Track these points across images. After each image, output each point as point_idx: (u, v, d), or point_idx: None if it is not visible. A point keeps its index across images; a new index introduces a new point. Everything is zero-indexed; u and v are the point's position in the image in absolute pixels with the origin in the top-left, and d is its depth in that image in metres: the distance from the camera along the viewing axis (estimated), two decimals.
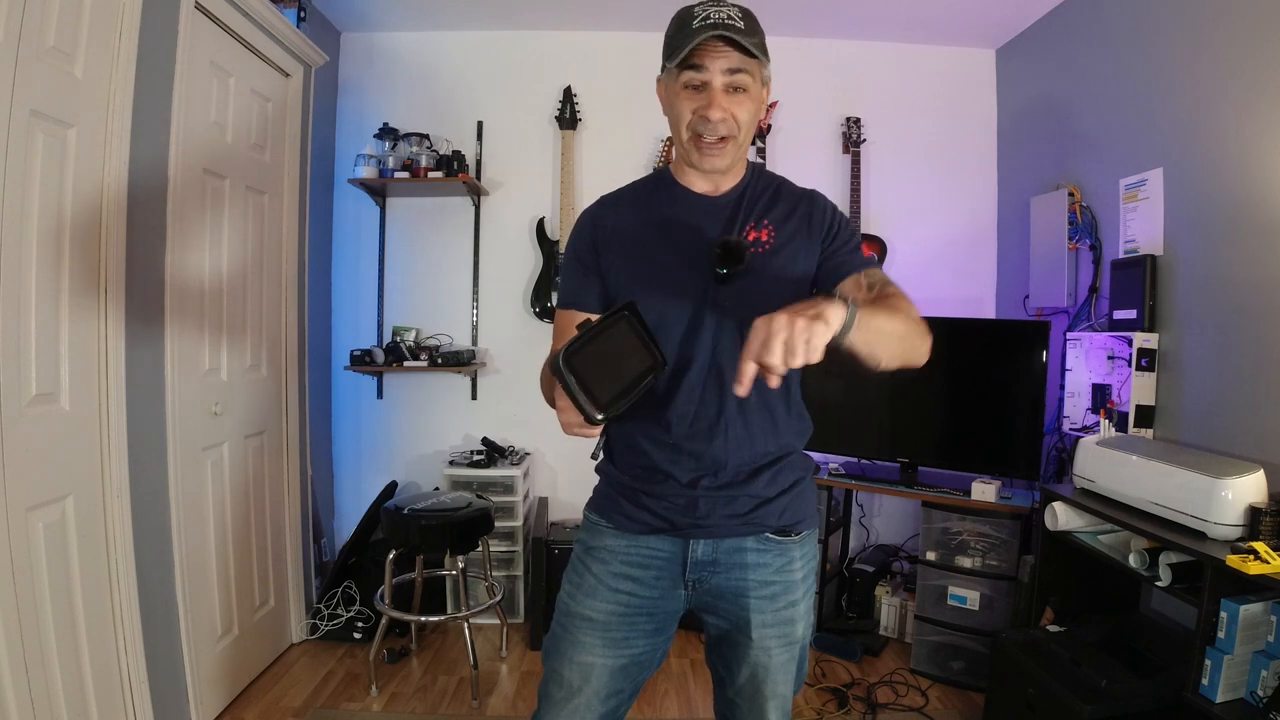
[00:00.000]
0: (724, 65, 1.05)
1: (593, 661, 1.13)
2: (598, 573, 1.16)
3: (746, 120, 1.09)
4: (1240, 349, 1.94)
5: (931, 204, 3.22)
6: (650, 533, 1.14)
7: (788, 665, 1.16)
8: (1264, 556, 1.46)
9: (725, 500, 1.12)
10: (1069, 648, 1.94)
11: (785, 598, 1.15)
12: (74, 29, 1.61)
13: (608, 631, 1.13)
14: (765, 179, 1.21)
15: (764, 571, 1.14)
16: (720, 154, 1.10)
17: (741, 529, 1.13)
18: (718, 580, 1.15)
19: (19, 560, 1.49)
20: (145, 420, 1.88)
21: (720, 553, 1.14)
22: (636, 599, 1.14)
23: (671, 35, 1.08)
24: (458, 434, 3.19)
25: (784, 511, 1.15)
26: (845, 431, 2.92)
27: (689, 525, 1.12)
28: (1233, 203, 1.96)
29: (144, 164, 1.84)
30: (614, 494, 1.19)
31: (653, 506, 1.13)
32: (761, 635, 1.13)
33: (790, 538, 1.16)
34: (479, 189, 3.10)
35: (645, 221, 1.16)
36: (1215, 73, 2.02)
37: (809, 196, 1.20)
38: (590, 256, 1.17)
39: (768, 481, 1.14)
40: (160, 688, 1.89)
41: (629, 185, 1.23)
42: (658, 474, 1.13)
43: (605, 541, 1.17)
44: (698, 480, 1.12)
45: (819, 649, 2.70)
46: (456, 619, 2.59)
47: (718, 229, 1.13)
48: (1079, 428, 2.41)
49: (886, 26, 3.06)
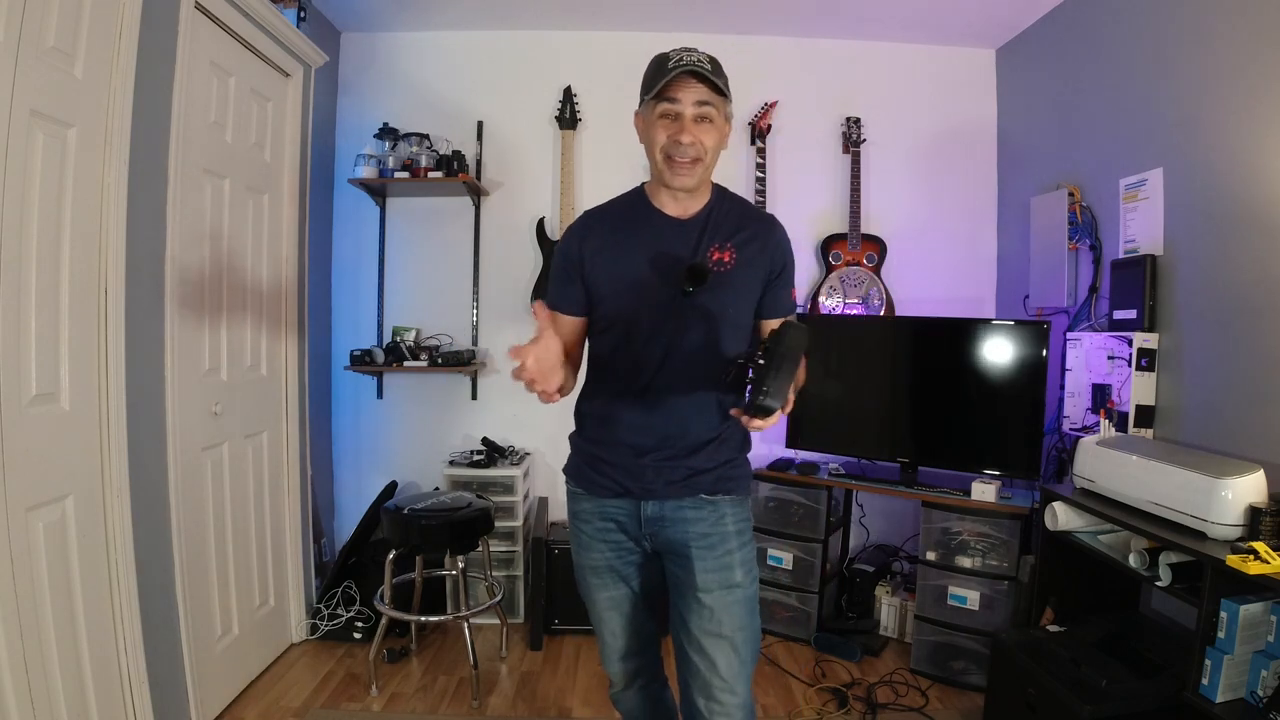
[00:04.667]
0: (694, 98, 1.26)
1: (605, 596, 1.44)
2: (586, 530, 1.43)
3: (712, 146, 1.29)
4: (1240, 349, 1.94)
5: (931, 204, 3.22)
6: (612, 496, 1.39)
7: (731, 607, 1.33)
8: (1264, 556, 1.46)
9: (668, 469, 1.36)
10: (1069, 648, 1.94)
11: (722, 547, 1.36)
12: (74, 29, 1.61)
13: (608, 572, 1.42)
14: (729, 201, 1.40)
15: (702, 524, 1.37)
16: (690, 174, 1.29)
17: (681, 492, 1.36)
18: (667, 533, 1.38)
19: (19, 560, 1.49)
20: (145, 420, 1.88)
21: (665, 510, 1.37)
22: (619, 544, 1.42)
23: (651, 75, 1.29)
24: (458, 434, 3.19)
25: (716, 481, 1.37)
26: (845, 431, 2.92)
27: (639, 490, 1.37)
28: (1233, 203, 1.96)
29: (144, 164, 1.84)
30: (582, 463, 1.44)
31: (611, 474, 1.38)
32: (705, 580, 1.34)
33: (720, 497, 1.38)
34: (479, 189, 3.10)
35: (624, 240, 1.36)
36: (1215, 73, 2.02)
37: (769, 224, 1.41)
38: (576, 267, 1.37)
39: (705, 457, 1.36)
40: (160, 688, 1.89)
41: (611, 203, 1.43)
42: (619, 445, 1.37)
43: (581, 505, 1.44)
44: (647, 451, 1.35)
45: (819, 649, 2.70)
46: (456, 619, 2.59)
47: (687, 250, 1.33)
48: (1079, 428, 2.41)
49: (886, 26, 3.06)
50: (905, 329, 2.91)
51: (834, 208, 3.20)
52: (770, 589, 2.83)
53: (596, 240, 1.37)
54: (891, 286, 3.13)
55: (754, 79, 3.15)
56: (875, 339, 2.95)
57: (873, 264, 3.12)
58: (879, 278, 3.12)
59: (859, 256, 3.12)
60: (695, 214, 1.36)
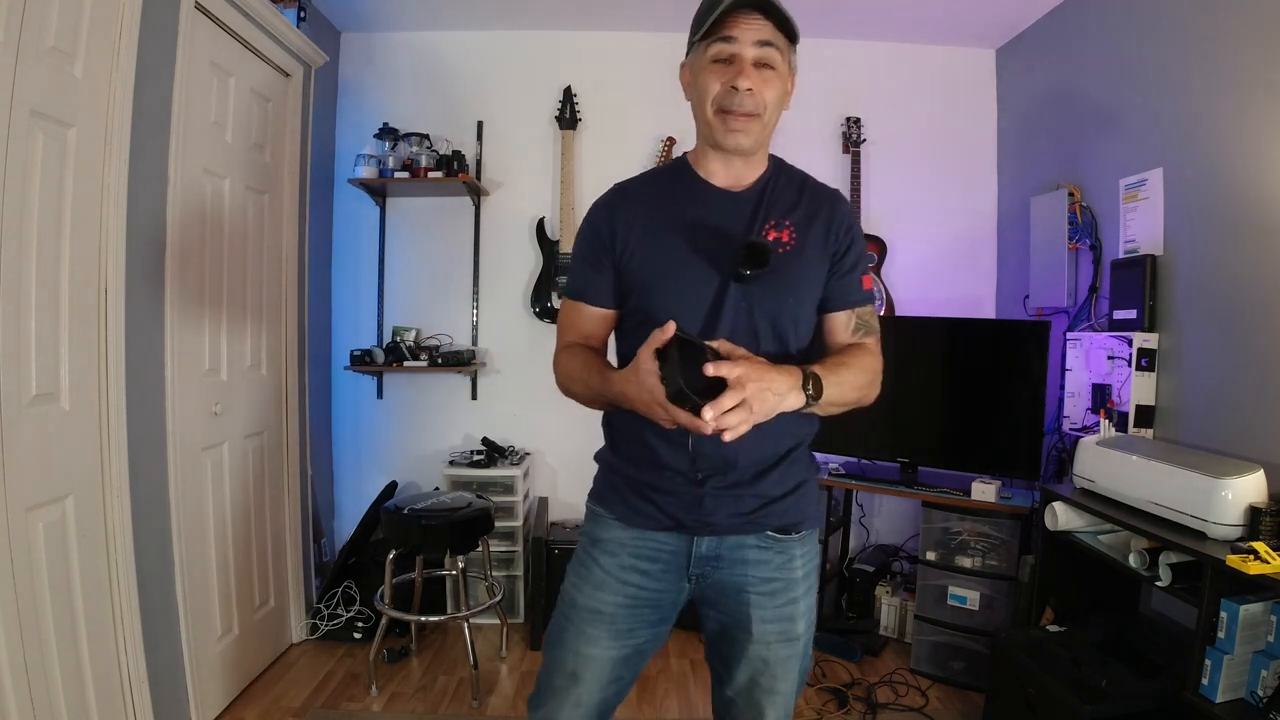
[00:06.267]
0: (754, 36, 1.04)
1: (597, 654, 1.14)
2: (606, 565, 1.16)
3: (773, 101, 1.08)
4: (1240, 349, 1.94)
5: (931, 204, 3.22)
6: (658, 529, 1.14)
7: (788, 662, 1.16)
8: (1264, 556, 1.46)
9: (732, 499, 1.12)
10: (1069, 648, 1.94)
11: (786, 594, 1.16)
12: (74, 29, 1.61)
13: (614, 624, 1.14)
14: (788, 174, 1.19)
15: (765, 569, 1.15)
16: (746, 130, 1.07)
17: (746, 527, 1.13)
18: (720, 575, 1.15)
19: (19, 560, 1.49)
20: (145, 420, 1.88)
21: (724, 549, 1.14)
22: (644, 591, 1.15)
23: (703, 11, 1.07)
24: (458, 434, 3.19)
25: (787, 511, 1.15)
26: (845, 431, 2.91)
27: (695, 523, 1.13)
28: (1233, 203, 1.96)
29: (144, 164, 1.84)
30: (619, 486, 1.18)
31: (659, 502, 1.13)
32: (762, 631, 1.14)
33: (791, 536, 1.17)
34: (479, 189, 3.10)
35: (666, 216, 1.13)
36: (1215, 72, 2.02)
37: (832, 199, 1.19)
38: (605, 248, 1.14)
39: (775, 482, 1.14)
40: (160, 688, 1.89)
41: (648, 174, 1.20)
42: (664, 470, 1.12)
43: (613, 534, 1.17)
44: (706, 479, 1.11)
45: (819, 649, 2.70)
46: (456, 619, 2.59)
47: (740, 227, 1.12)
48: (1079, 428, 2.41)
49: (886, 26, 3.05)
50: (905, 329, 2.91)
51: None
52: None
53: (631, 216, 1.13)
54: (891, 286, 3.13)
55: None
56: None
57: (873, 264, 3.12)
58: (879, 278, 3.12)
59: None
60: (750, 185, 1.15)
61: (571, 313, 1.21)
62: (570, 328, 1.21)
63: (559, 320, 1.24)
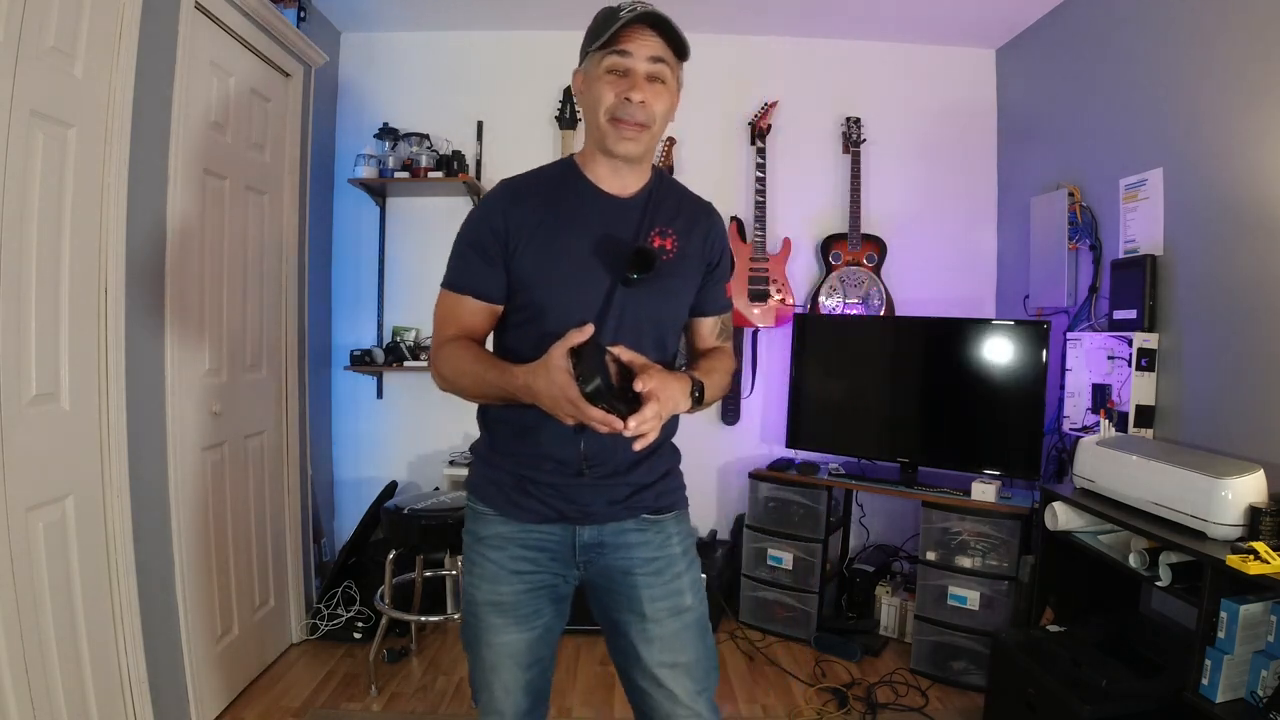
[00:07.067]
0: (648, 52, 1.11)
1: (508, 640, 1.20)
2: (496, 559, 1.21)
3: (662, 113, 1.15)
4: (1240, 349, 1.94)
5: (931, 204, 3.22)
6: (540, 521, 1.20)
7: (682, 634, 1.22)
8: (1264, 556, 1.46)
9: (607, 488, 1.20)
10: (1069, 648, 1.94)
11: (670, 570, 1.24)
12: (74, 29, 1.61)
13: (517, 610, 1.20)
14: (667, 185, 1.27)
15: (646, 549, 1.23)
16: (636, 139, 1.14)
17: (623, 513, 1.22)
18: (606, 560, 1.23)
19: (19, 560, 1.49)
20: (145, 420, 1.88)
21: (605, 535, 1.22)
22: (538, 575, 1.22)
23: (598, 24, 1.15)
24: (458, 434, 3.19)
25: (659, 495, 1.25)
26: (845, 431, 2.92)
27: (576, 513, 1.20)
28: (1233, 203, 1.96)
29: (144, 164, 1.84)
30: (500, 480, 1.22)
31: (540, 495, 1.19)
32: (654, 610, 1.21)
33: (665, 515, 1.26)
34: (479, 189, 3.10)
35: (558, 217, 1.17)
36: (1215, 73, 2.02)
37: (708, 211, 1.29)
38: (498, 246, 1.16)
39: (645, 471, 1.23)
40: (160, 688, 1.89)
41: (536, 172, 1.24)
42: (547, 461, 1.18)
43: (495, 529, 1.22)
44: (584, 469, 1.17)
45: (819, 649, 2.70)
46: (456, 619, 2.59)
47: (628, 232, 1.19)
48: (1079, 428, 2.41)
49: (886, 26, 3.05)
50: (905, 329, 2.91)
51: (834, 208, 3.20)
52: (770, 589, 2.83)
53: (525, 215, 1.16)
54: (891, 286, 3.13)
55: (753, 79, 3.15)
56: (875, 339, 2.95)
57: (873, 264, 3.12)
58: (879, 278, 3.12)
59: (859, 256, 3.12)
60: (636, 193, 1.21)
61: (454, 305, 1.21)
62: (451, 321, 1.21)
63: (437, 313, 1.24)
